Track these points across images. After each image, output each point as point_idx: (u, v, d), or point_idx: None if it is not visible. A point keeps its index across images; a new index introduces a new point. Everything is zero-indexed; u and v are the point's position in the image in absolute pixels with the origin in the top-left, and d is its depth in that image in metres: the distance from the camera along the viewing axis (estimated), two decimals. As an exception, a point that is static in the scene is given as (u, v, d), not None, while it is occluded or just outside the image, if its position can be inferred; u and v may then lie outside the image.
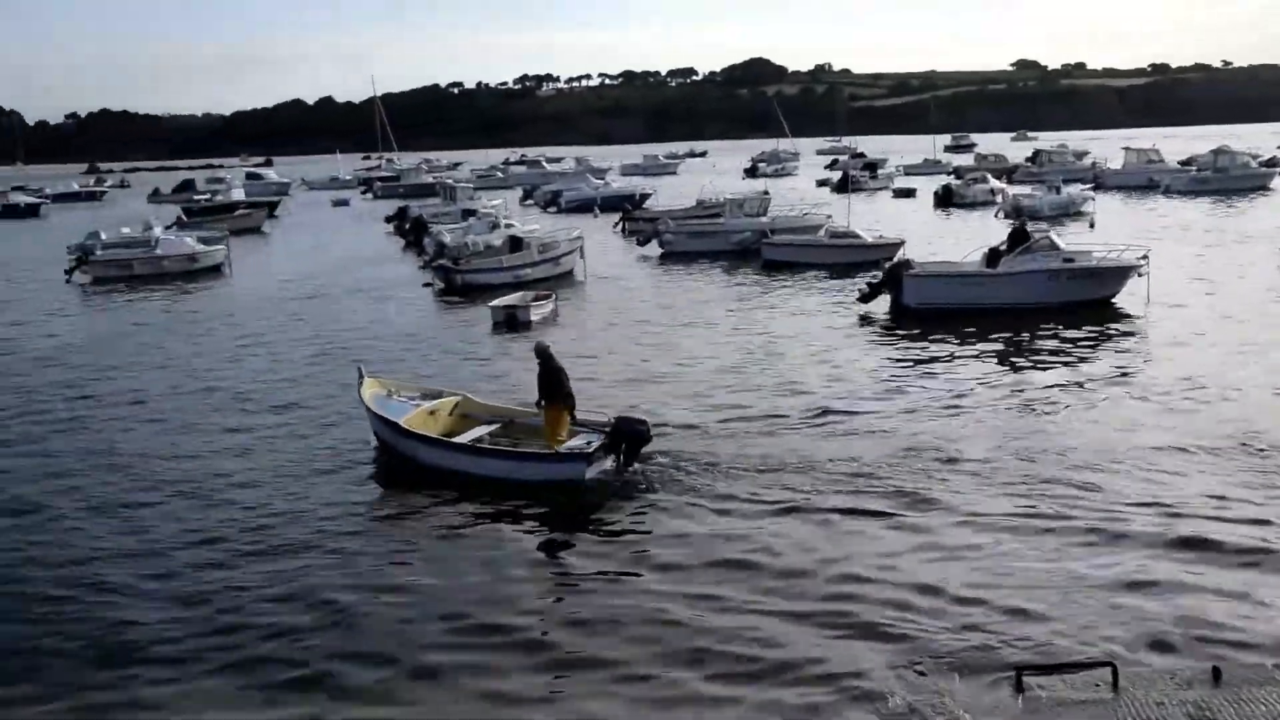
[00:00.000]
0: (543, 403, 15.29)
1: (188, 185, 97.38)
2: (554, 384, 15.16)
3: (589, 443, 14.74)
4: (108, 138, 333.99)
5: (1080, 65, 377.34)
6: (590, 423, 15.23)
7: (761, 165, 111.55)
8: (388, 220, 59.28)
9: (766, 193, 48.28)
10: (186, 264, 42.70)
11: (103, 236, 44.86)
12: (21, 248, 58.86)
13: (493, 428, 16.24)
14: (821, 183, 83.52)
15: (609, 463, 14.68)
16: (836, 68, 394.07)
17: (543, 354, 15.57)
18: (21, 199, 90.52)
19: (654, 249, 43.21)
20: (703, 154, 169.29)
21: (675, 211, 51.99)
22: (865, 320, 27.15)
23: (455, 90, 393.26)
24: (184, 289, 38.56)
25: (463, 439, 15.67)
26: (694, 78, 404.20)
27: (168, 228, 49.74)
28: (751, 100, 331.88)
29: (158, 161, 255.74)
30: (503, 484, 14.53)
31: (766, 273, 36.55)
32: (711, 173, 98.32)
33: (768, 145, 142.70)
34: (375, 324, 29.66)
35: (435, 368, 23.42)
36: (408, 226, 51.85)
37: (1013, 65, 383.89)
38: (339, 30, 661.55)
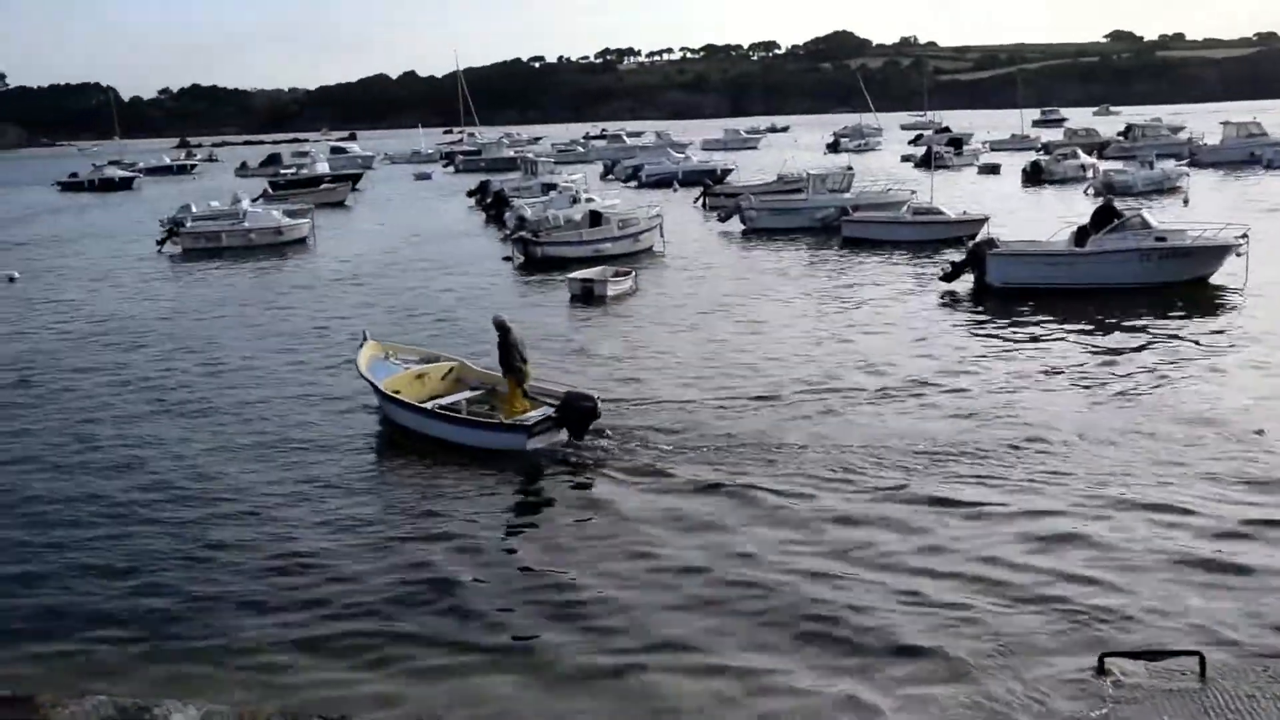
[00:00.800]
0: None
1: (274, 159, 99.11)
2: (507, 357, 15.83)
3: (544, 416, 15.12)
4: (198, 113, 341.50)
5: (1179, 36, 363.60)
6: (544, 396, 15.67)
7: (844, 140, 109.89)
8: (469, 194, 59.77)
9: (850, 168, 47.61)
10: (273, 237, 43.53)
11: (193, 209, 46.03)
12: (116, 220, 60.44)
13: (475, 394, 16.79)
14: (905, 158, 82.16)
15: (560, 436, 15.04)
16: (922, 40, 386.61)
17: (500, 327, 16.10)
18: (116, 173, 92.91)
19: (735, 225, 42.86)
20: (784, 129, 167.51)
21: (756, 187, 51.53)
22: (947, 299, 26.68)
23: (537, 64, 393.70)
24: (270, 261, 39.33)
25: (426, 403, 16.16)
26: (776, 51, 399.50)
27: (254, 201, 50.81)
28: (834, 74, 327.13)
29: (245, 136, 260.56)
30: (459, 448, 15.19)
31: (847, 250, 36.12)
32: (793, 148, 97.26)
33: (850, 120, 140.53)
34: (453, 296, 29.95)
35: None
36: (489, 200, 52.19)
37: (1106, 37, 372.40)
38: (423, 4, 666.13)
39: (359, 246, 42.60)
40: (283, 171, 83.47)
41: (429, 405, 16.14)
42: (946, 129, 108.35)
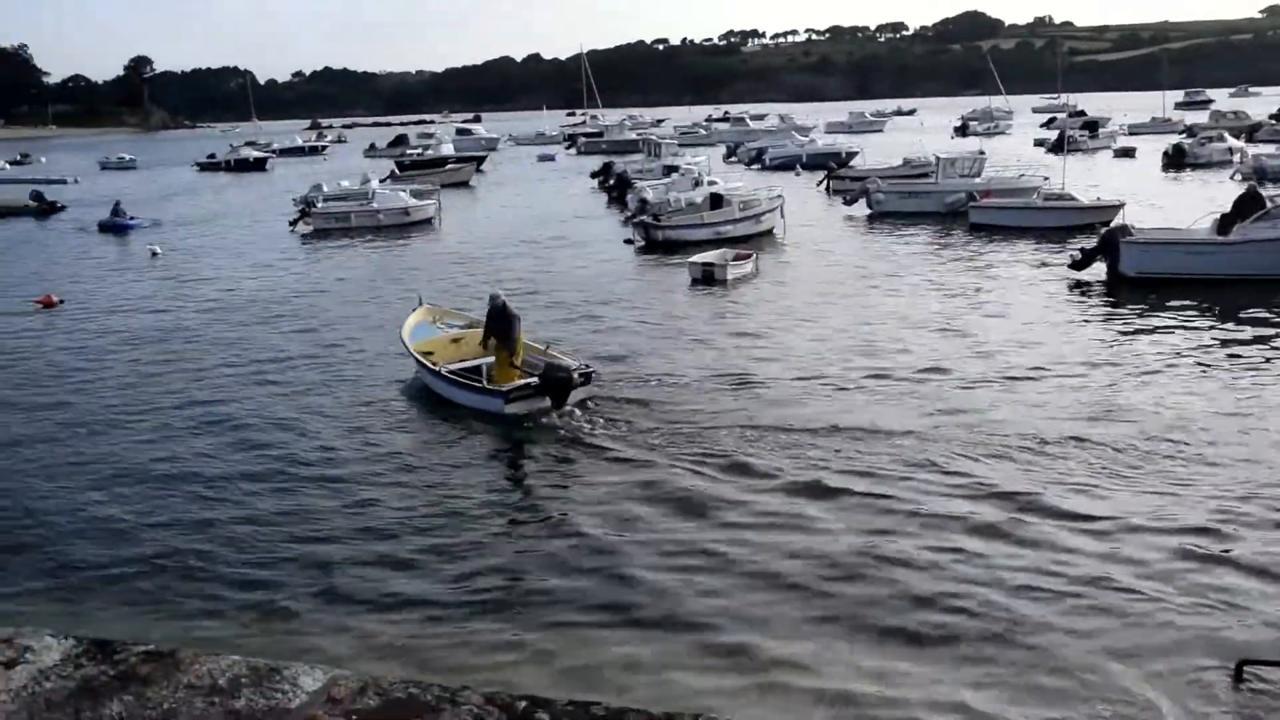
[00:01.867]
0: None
1: (400, 140, 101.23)
2: (495, 332, 17.05)
3: (524, 384, 16.17)
4: (328, 95, 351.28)
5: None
6: (532, 366, 16.74)
7: (972, 124, 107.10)
8: (592, 176, 60.17)
9: (982, 152, 46.43)
10: (400, 217, 44.45)
11: (324, 190, 47.36)
12: (250, 199, 62.57)
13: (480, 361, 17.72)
14: (1038, 142, 79.66)
15: (543, 403, 16.00)
16: (1058, 20, 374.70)
17: (492, 301, 17.23)
18: (251, 154, 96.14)
19: (860, 209, 42.19)
20: (910, 112, 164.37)
21: (882, 170, 50.67)
22: (1077, 288, 25.81)
23: (660, 47, 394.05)
24: (396, 241, 40.23)
25: (442, 364, 17.34)
26: (904, 32, 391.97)
27: (382, 181, 51.97)
28: (964, 56, 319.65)
29: (373, 117, 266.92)
30: (456, 407, 16.68)
31: (974, 236, 35.25)
32: (919, 131, 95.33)
33: (979, 103, 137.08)
34: (573, 278, 30.19)
35: (628, 320, 23.79)
36: (611, 182, 52.44)
37: (1262, 12, 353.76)
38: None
39: (483, 227, 43.26)
40: (409, 153, 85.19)
41: (438, 366, 17.24)
42: (1081, 112, 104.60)
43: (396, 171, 64.70)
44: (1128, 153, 68.23)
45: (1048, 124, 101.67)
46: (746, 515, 12.30)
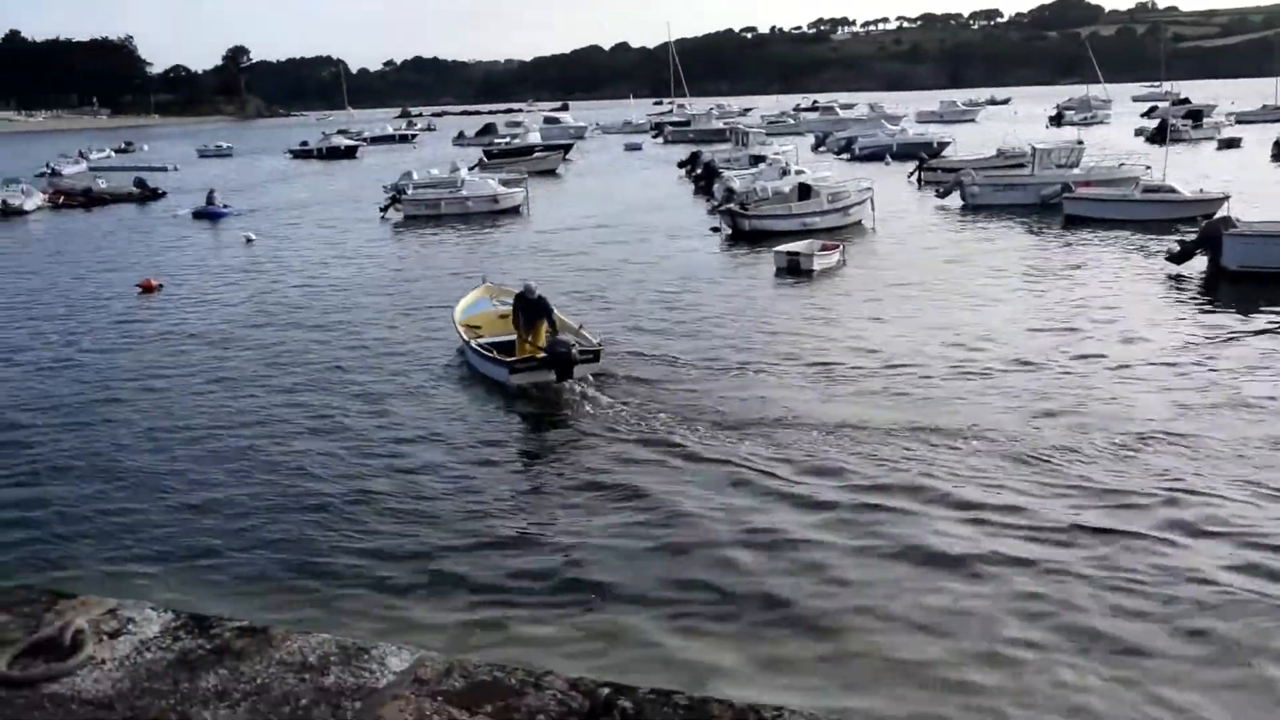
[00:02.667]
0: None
1: (489, 129, 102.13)
2: (519, 316, 18.26)
3: (529, 357, 17.62)
4: (419, 84, 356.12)
5: None
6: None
7: (1068, 113, 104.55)
8: (680, 165, 60.02)
9: (1080, 142, 45.28)
10: (489, 205, 44.87)
11: (414, 177, 48.01)
12: (341, 186, 63.61)
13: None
14: (1139, 132, 77.38)
15: (549, 376, 17.17)
16: (1161, 4, 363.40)
17: (525, 292, 18.41)
18: (342, 142, 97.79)
19: (954, 200, 41.42)
20: (1004, 101, 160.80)
21: (976, 161, 49.69)
22: (1175, 283, 25.03)
23: (749, 35, 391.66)
24: (485, 228, 40.59)
25: (475, 338, 18.95)
26: (998, 19, 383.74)
27: (470, 170, 52.50)
28: (1061, 43, 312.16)
29: (462, 106, 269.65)
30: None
31: (1069, 229, 34.40)
32: (1013, 121, 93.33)
33: (1076, 92, 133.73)
34: (658, 264, 30.21)
35: (711, 309, 23.78)
36: (699, 172, 52.29)
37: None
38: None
39: (569, 216, 43.46)
40: (496, 141, 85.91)
41: (470, 339, 18.88)
42: (1185, 100, 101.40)
43: (485, 160, 65.36)
44: (1233, 143, 66.04)
45: (1148, 113, 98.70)
46: (831, 509, 12.19)
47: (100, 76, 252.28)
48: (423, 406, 17.08)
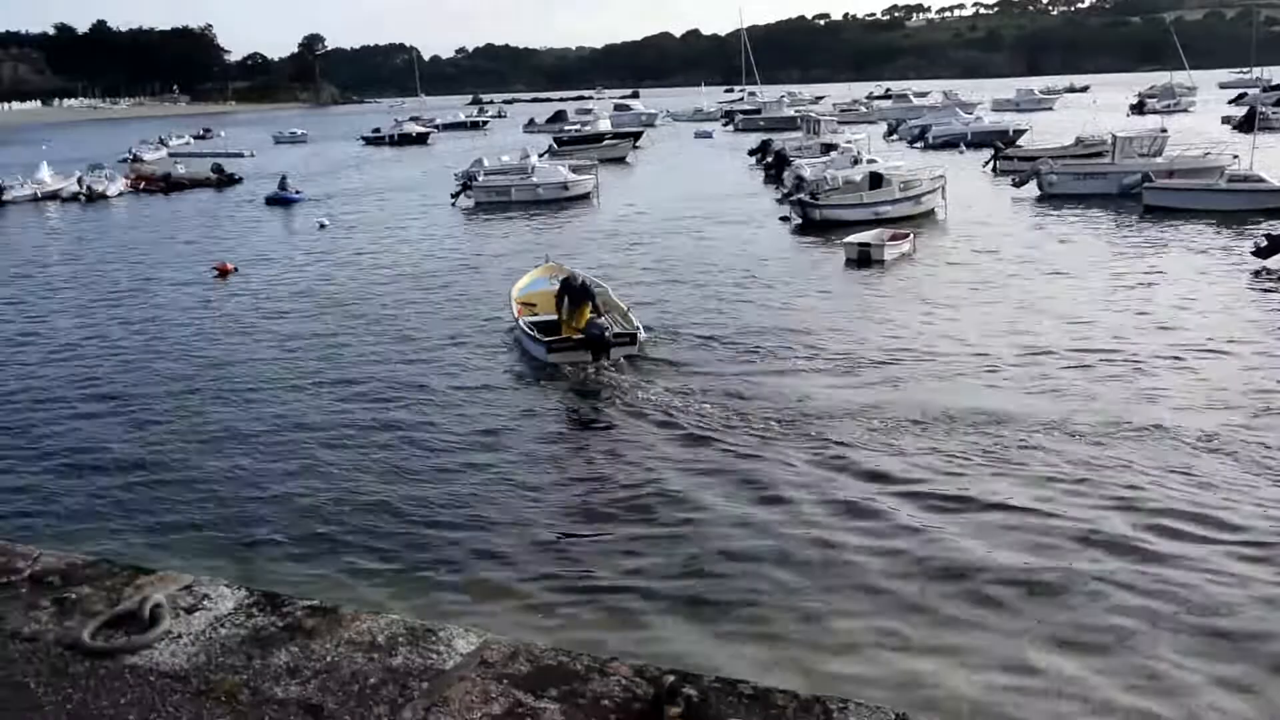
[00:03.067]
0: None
1: (559, 116, 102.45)
2: (563, 299, 19.14)
3: (566, 338, 18.49)
4: (490, 70, 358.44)
5: None
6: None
7: (1150, 101, 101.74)
8: (750, 153, 59.65)
9: (1164, 130, 44.13)
10: (559, 191, 45.05)
11: (485, 164, 48.36)
12: (412, 173, 64.18)
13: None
14: (1226, 120, 74.95)
15: (584, 355, 18.02)
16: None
17: (570, 277, 19.75)
18: (413, 129, 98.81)
19: (1030, 190, 40.40)
20: (1083, 89, 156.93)
21: (1054, 150, 48.65)
22: (1261, 277, 24.24)
23: (821, 22, 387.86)
24: (555, 215, 40.74)
25: (530, 314, 19.92)
26: (1079, 5, 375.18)
27: (541, 156, 52.70)
28: (1143, 28, 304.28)
29: (533, 93, 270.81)
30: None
31: (1150, 219, 33.57)
32: (1092, 109, 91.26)
33: (1159, 79, 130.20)
34: (727, 253, 30.09)
35: (777, 297, 23.75)
36: (769, 160, 51.94)
37: None
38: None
39: (639, 203, 43.47)
40: (566, 128, 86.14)
41: (522, 316, 19.81)
42: (1276, 86, 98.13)
43: (555, 147, 65.61)
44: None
45: (1237, 100, 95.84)
46: (895, 507, 12.07)
47: (181, 64, 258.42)
48: (492, 395, 17.21)
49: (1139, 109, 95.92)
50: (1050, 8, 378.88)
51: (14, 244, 39.09)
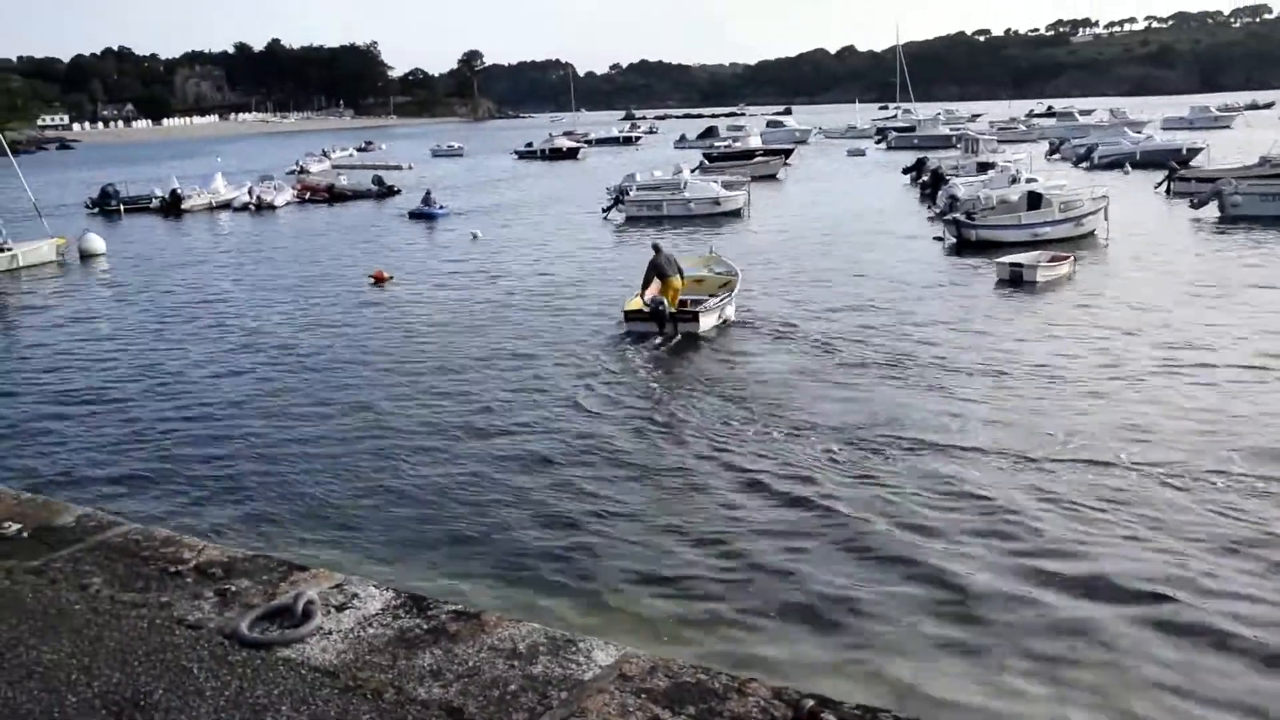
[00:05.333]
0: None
1: (710, 132, 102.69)
2: (651, 275, 21.76)
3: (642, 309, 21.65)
4: (643, 86, 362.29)
5: None
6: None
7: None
8: (904, 171, 58.65)
9: (1366, 148, 41.38)
10: (710, 207, 45.18)
11: (637, 179, 48.84)
12: (565, 187, 65.18)
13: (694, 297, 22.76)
14: None
15: (651, 327, 21.35)
16: None
17: (656, 249, 22.36)
18: (564, 143, 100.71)
19: (1209, 212, 37.99)
20: (1267, 105, 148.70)
21: (1237, 170, 46.16)
22: None
23: (982, 38, 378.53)
24: (706, 230, 40.66)
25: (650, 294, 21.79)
26: (1266, 16, 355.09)
27: (692, 172, 52.93)
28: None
29: (685, 109, 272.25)
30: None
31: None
32: (1277, 126, 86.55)
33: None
34: (876, 272, 29.62)
35: (922, 315, 23.37)
36: (925, 179, 50.95)
37: None
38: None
39: (789, 220, 43.18)
40: (717, 144, 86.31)
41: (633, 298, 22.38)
42: None
43: (705, 162, 65.81)
44: None
45: None
46: (1029, 531, 11.65)
47: (346, 80, 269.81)
48: (635, 404, 17.34)
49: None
50: (1232, 20, 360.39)
51: (193, 246, 41.49)
